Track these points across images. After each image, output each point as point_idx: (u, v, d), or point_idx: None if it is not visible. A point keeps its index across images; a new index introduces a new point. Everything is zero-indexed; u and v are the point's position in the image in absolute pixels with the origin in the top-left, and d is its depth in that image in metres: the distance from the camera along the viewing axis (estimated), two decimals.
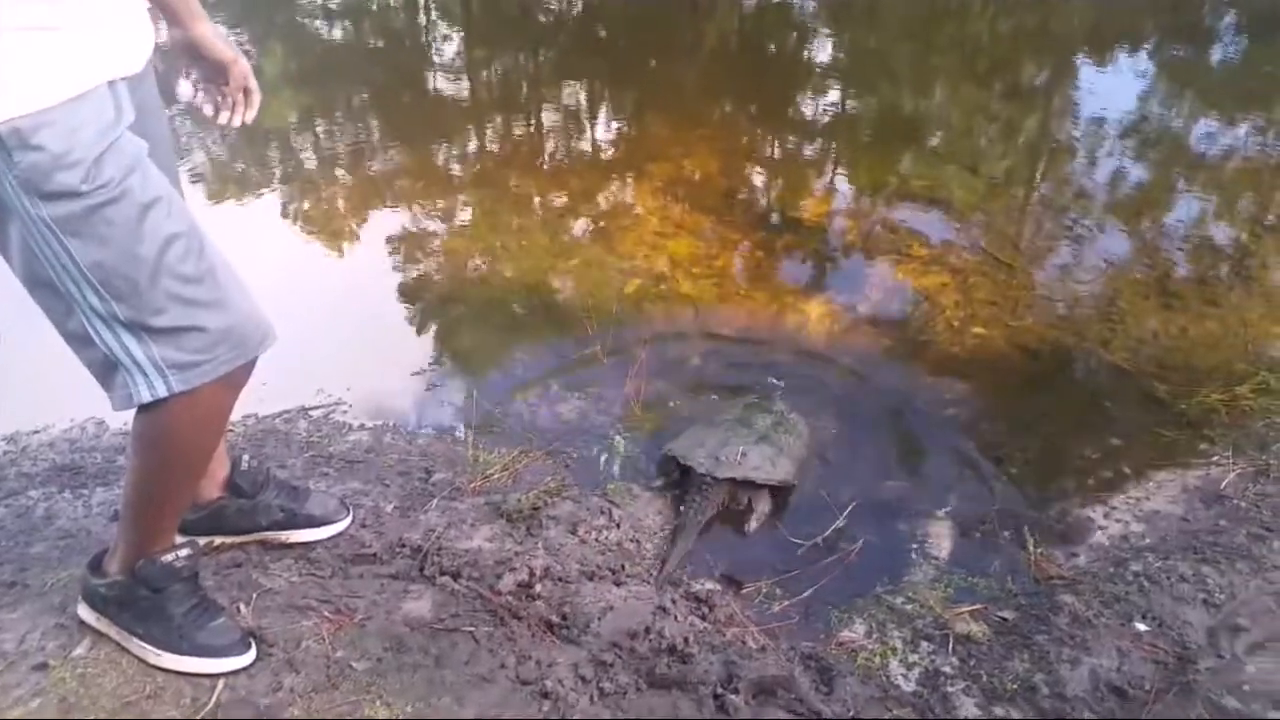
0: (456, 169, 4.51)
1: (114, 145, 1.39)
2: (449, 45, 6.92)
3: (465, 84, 5.93)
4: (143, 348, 1.48)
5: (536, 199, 4.17)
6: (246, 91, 1.82)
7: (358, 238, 3.86)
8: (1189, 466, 2.65)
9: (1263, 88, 5.75)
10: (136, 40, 1.52)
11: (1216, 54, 6.60)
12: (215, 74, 1.79)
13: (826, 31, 7.20)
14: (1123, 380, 3.00)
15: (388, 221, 3.97)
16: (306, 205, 4.15)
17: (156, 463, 1.69)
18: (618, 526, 2.35)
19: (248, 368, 1.61)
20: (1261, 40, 6.76)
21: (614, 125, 4.98)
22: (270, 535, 2.10)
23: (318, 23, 7.30)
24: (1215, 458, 2.66)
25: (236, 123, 1.84)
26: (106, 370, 1.51)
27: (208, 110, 1.82)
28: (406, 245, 3.80)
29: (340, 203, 4.13)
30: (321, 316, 3.23)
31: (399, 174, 4.43)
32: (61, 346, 1.50)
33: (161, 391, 1.50)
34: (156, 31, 1.57)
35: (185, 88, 1.82)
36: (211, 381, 1.54)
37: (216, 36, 1.75)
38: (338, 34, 7.11)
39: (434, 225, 3.94)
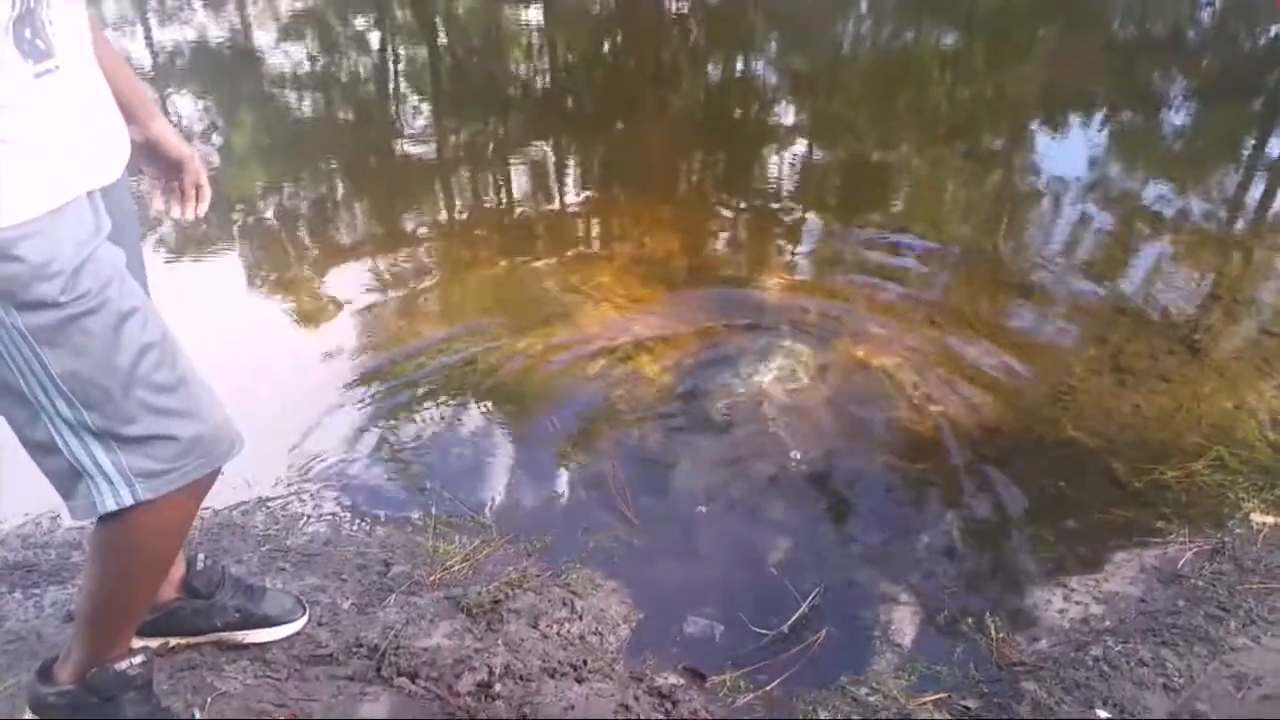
0: (418, 248, 4.52)
1: (93, 256, 1.40)
2: (418, 118, 6.98)
3: (432, 157, 5.97)
4: (110, 456, 1.47)
5: (498, 279, 4.17)
6: (198, 187, 1.84)
7: (316, 322, 3.84)
8: (1146, 545, 2.67)
9: (1212, 155, 5.91)
10: (114, 149, 1.54)
11: (1166, 121, 6.77)
12: (170, 170, 1.81)
13: (788, 102, 7.33)
14: (1079, 458, 3.03)
15: (346, 304, 3.95)
16: (266, 287, 4.13)
17: (117, 571, 1.67)
18: (580, 618, 2.33)
19: (213, 475, 1.62)
20: (1210, 107, 6.96)
21: (578, 203, 5.02)
22: (226, 636, 2.07)
23: (286, 92, 7.35)
24: (1172, 536, 2.69)
25: (190, 217, 1.88)
26: (69, 479, 1.50)
27: (159, 204, 1.85)
28: (365, 328, 3.78)
29: (298, 286, 4.12)
30: (279, 402, 3.22)
31: (358, 253, 4.43)
32: (12, 441, 1.48)
33: (127, 500, 1.50)
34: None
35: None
36: (177, 490, 1.53)
37: (172, 134, 1.78)
38: (306, 104, 7.16)
39: (394, 307, 3.93)
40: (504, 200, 5.09)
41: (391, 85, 7.78)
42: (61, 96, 1.38)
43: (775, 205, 5.09)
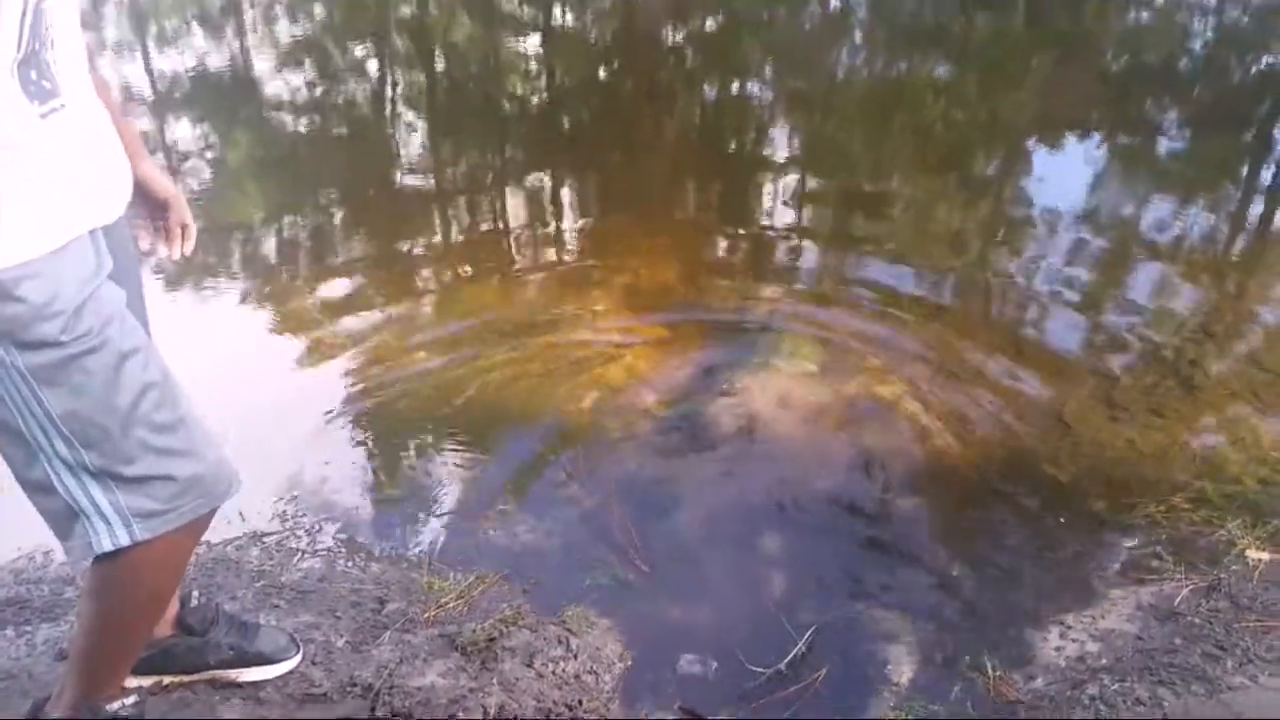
0: (414, 276, 4.52)
1: (94, 295, 1.40)
2: (413, 140, 7.01)
3: (428, 184, 6.00)
4: (108, 496, 1.47)
5: (494, 309, 4.17)
6: (184, 226, 1.86)
7: (311, 354, 3.81)
8: (1142, 582, 2.66)
9: (1205, 187, 5.94)
10: (116, 187, 1.54)
11: (1159, 152, 6.80)
12: (155, 209, 1.83)
13: (783, 129, 7.38)
14: (1074, 492, 3.03)
15: (341, 333, 3.94)
16: (260, 319, 4.11)
17: (113, 610, 1.67)
18: (575, 657, 2.32)
19: (211, 514, 1.62)
20: (1203, 138, 7.00)
21: (575, 231, 5.03)
22: (219, 674, 2.06)
23: (284, 115, 7.39)
24: (1168, 573, 2.68)
25: (175, 255, 1.89)
26: (66, 519, 1.49)
27: (145, 244, 1.86)
28: (359, 358, 3.77)
29: (294, 317, 4.10)
30: (273, 436, 3.21)
31: (353, 283, 4.42)
32: (4, 476, 1.48)
33: (124, 540, 1.50)
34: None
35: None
36: (175, 529, 1.53)
37: (159, 174, 1.80)
38: (302, 130, 7.20)
39: (389, 336, 3.92)
40: (500, 229, 5.09)
41: (389, 111, 7.81)
42: (66, 136, 1.38)
43: (770, 233, 5.11)
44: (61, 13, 1.36)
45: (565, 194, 5.78)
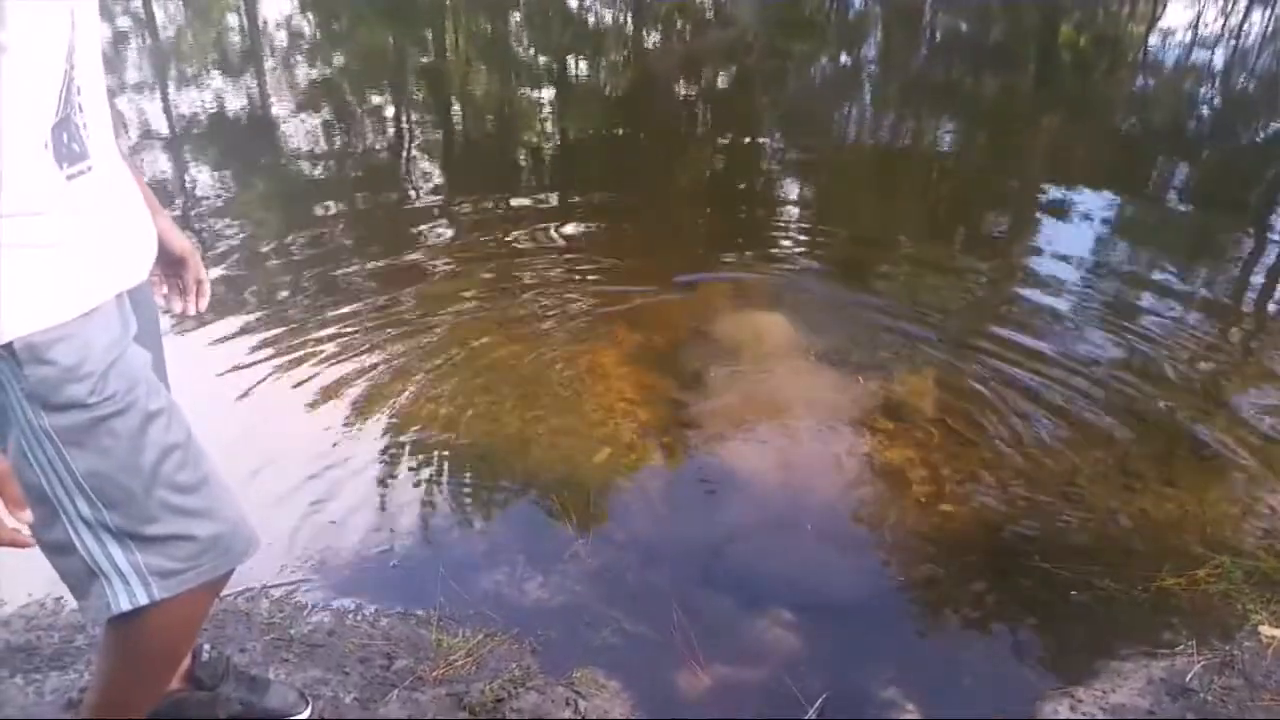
0: (424, 327, 4.52)
1: (121, 357, 1.43)
2: (427, 190, 7.07)
3: (442, 233, 6.02)
4: (128, 555, 1.49)
5: (505, 361, 4.18)
6: (199, 282, 1.88)
7: (323, 406, 3.80)
8: (1154, 656, 2.64)
9: (1215, 254, 5.97)
10: (142, 250, 1.57)
11: (1169, 218, 6.84)
12: (171, 266, 1.85)
13: (792, 186, 7.44)
14: (1084, 563, 3.01)
15: (354, 388, 3.92)
16: (273, 369, 4.08)
17: (127, 667, 1.68)
18: None
19: (228, 574, 1.63)
20: (1212, 201, 7.06)
21: (587, 289, 5.03)
22: None
23: (301, 162, 7.46)
24: (1180, 647, 2.66)
25: (191, 311, 1.91)
26: (85, 579, 1.50)
27: (160, 300, 1.88)
28: (371, 411, 3.76)
29: (306, 368, 4.09)
30: (283, 487, 3.22)
31: (366, 333, 4.41)
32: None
33: (142, 600, 1.51)
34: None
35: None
36: (192, 589, 1.54)
37: (174, 230, 1.83)
38: (320, 173, 7.26)
39: (400, 388, 3.92)
40: (515, 283, 5.10)
41: (404, 159, 7.88)
42: (92, 197, 1.41)
43: (779, 291, 5.11)
44: (90, 77, 1.40)
45: (580, 248, 5.78)
